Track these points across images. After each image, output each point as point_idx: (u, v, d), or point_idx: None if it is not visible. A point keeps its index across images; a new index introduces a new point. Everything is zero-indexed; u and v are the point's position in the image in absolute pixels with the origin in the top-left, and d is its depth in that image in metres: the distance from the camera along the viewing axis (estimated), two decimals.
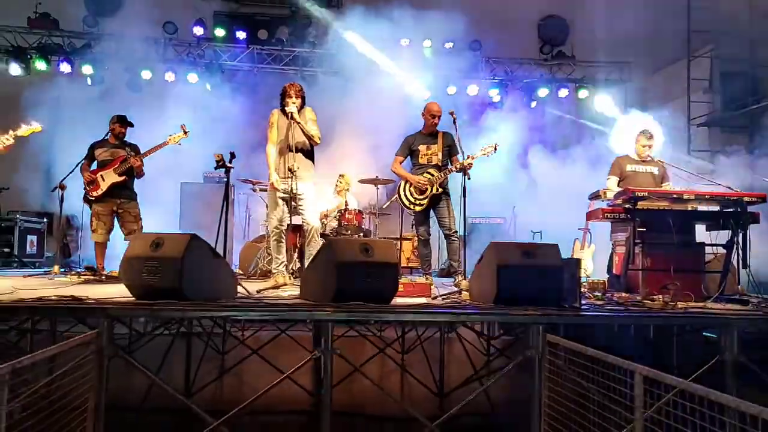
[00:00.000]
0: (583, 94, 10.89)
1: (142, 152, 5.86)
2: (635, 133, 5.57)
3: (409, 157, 5.51)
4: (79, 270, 5.78)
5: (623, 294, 4.41)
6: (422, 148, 5.41)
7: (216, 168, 4.65)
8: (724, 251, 4.56)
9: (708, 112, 10.77)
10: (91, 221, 5.75)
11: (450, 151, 5.40)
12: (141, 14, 9.69)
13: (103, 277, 5.30)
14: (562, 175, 8.32)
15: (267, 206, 5.15)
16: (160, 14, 10.01)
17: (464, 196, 4.38)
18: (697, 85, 10.78)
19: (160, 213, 7.45)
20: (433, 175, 5.34)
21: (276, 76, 10.21)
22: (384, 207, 7.27)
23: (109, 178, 5.72)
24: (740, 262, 4.36)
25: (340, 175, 7.50)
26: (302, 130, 4.97)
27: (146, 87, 10.12)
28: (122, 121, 5.96)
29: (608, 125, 9.63)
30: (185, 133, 5.81)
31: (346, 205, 7.01)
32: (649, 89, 11.30)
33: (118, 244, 5.97)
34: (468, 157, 5.11)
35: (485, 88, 10.70)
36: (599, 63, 11.21)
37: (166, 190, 8.13)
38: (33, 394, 2.48)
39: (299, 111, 5.02)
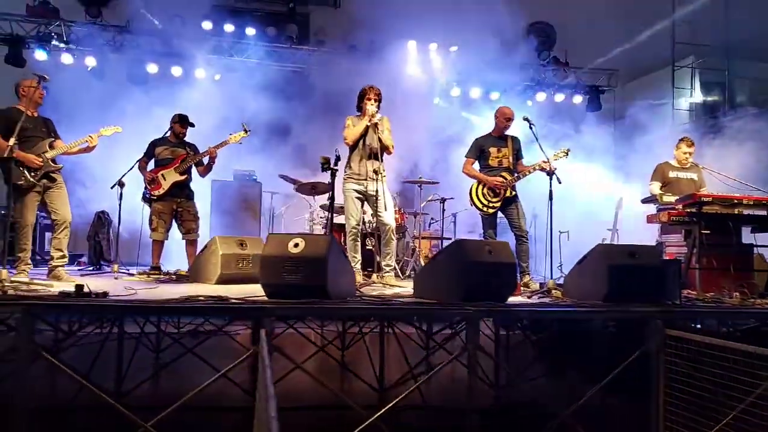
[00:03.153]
0: (577, 99, 11.42)
1: (200, 151, 5.84)
2: (676, 141, 6.02)
3: (477, 159, 5.69)
4: (144, 270, 5.68)
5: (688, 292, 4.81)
6: (493, 150, 5.60)
7: (322, 170, 4.71)
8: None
9: (690, 120, 11.56)
10: (151, 219, 5.67)
11: (518, 154, 5.65)
12: (147, 6, 9.45)
13: (174, 276, 5.26)
14: (579, 176, 8.68)
15: (345, 206, 5.23)
16: (167, 7, 9.76)
17: (551, 199, 4.64)
18: (679, 93, 11.58)
19: None
20: (506, 178, 5.52)
21: (284, 73, 10.21)
22: (421, 206, 7.47)
23: (171, 177, 5.66)
24: None
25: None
26: (380, 139, 5.10)
27: (152, 81, 9.86)
28: (183, 121, 5.91)
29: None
30: (246, 131, 5.81)
31: None
32: (634, 96, 11.97)
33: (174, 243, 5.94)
34: (542, 162, 5.28)
35: (486, 89, 11.04)
36: (589, 70, 11.76)
37: (195, 188, 8.01)
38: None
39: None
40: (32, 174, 4.60)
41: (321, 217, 7.23)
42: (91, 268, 6.90)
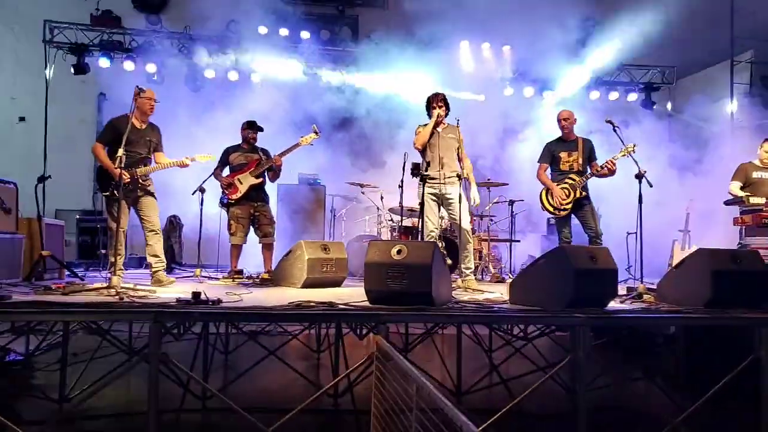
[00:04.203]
0: (632, 97, 11.21)
1: (272, 155, 5.93)
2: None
3: (551, 163, 5.73)
4: (224, 273, 5.81)
5: None
6: (563, 155, 5.69)
7: (412, 176, 4.74)
8: None
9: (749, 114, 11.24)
10: (230, 224, 5.79)
11: (590, 156, 5.65)
12: (204, 12, 9.63)
13: (257, 280, 5.36)
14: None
15: (423, 212, 5.26)
16: (223, 12, 9.93)
17: (640, 202, 4.59)
18: (737, 89, 11.26)
19: None
20: (574, 180, 5.61)
21: (339, 75, 10.29)
22: (486, 209, 7.45)
23: (247, 181, 5.77)
24: None
25: None
26: (458, 155, 5.18)
27: (209, 85, 10.05)
28: (252, 127, 6.01)
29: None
30: (316, 133, 5.88)
31: None
32: (690, 92, 11.70)
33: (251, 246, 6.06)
34: (608, 161, 5.36)
35: (539, 90, 10.94)
36: (644, 67, 11.54)
37: None
38: None
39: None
40: (123, 187, 4.70)
41: (389, 220, 7.28)
42: None
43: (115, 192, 4.61)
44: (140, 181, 4.91)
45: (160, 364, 3.11)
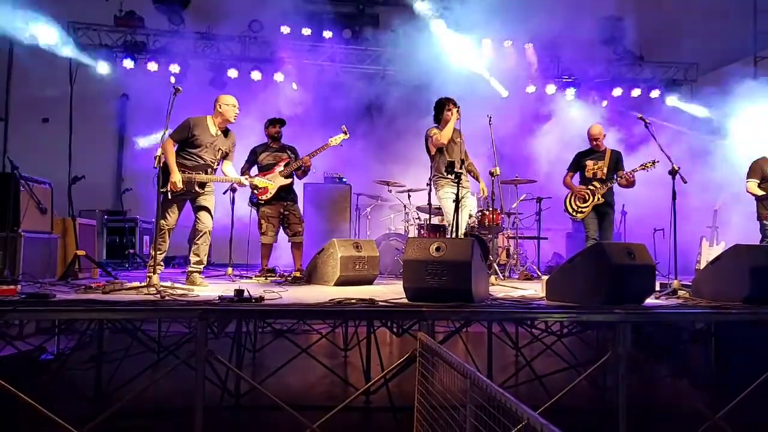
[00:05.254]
0: (654, 93, 11.12)
1: (300, 155, 5.97)
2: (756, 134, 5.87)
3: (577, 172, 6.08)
4: (255, 272, 5.86)
5: None
6: (589, 163, 6.04)
7: (447, 173, 4.76)
8: None
9: None
10: (260, 224, 5.83)
11: (617, 166, 5.82)
12: (227, 12, 9.70)
13: (290, 279, 5.41)
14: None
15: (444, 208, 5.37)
16: (245, 12, 9.99)
17: (674, 199, 4.56)
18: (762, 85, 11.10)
19: None
20: (596, 187, 5.94)
21: (360, 75, 10.33)
22: (513, 206, 7.45)
23: (277, 181, 5.81)
24: None
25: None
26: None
27: (231, 85, 10.12)
28: (273, 123, 6.06)
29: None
30: (345, 134, 5.90)
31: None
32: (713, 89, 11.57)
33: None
34: (627, 173, 5.64)
35: (561, 87, 10.90)
36: (666, 63, 11.45)
37: None
38: None
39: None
40: (173, 191, 4.73)
41: (416, 218, 7.30)
42: None
43: (169, 193, 4.64)
44: (197, 189, 4.87)
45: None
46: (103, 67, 9.71)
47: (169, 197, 4.69)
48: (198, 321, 3.08)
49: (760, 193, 5.63)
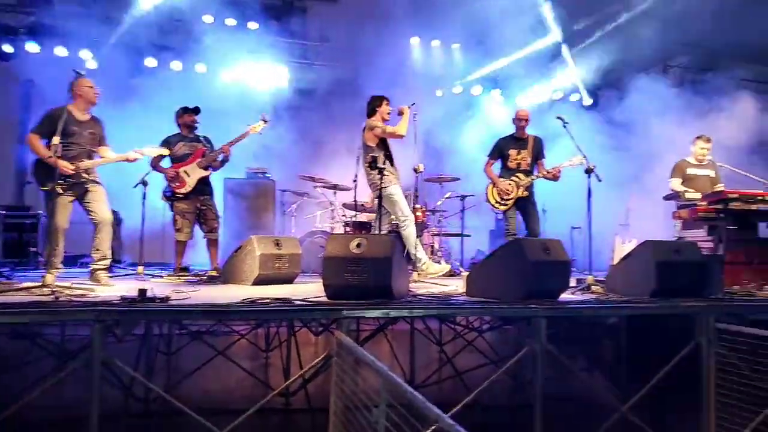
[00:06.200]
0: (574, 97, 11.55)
1: (214, 145, 5.69)
2: (693, 138, 6.17)
3: (500, 159, 5.85)
4: (168, 271, 5.54)
5: None
6: (512, 153, 5.88)
7: (372, 168, 4.65)
8: None
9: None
10: (175, 220, 5.52)
11: (538, 155, 5.82)
12: None
13: (205, 278, 5.16)
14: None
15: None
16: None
17: (589, 197, 4.70)
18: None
19: None
20: (520, 179, 5.83)
21: (289, 67, 10.09)
22: (438, 204, 7.48)
23: (195, 173, 5.52)
24: None
25: None
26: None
27: (148, 74, 9.60)
28: (188, 111, 5.73)
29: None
30: (265, 121, 5.69)
31: None
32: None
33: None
34: (555, 168, 5.59)
35: (487, 86, 11.12)
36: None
37: None
38: None
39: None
40: (61, 182, 4.40)
41: (343, 216, 7.18)
42: None
43: (55, 187, 4.25)
44: (84, 175, 4.56)
45: (103, 367, 2.91)
46: (6, 50, 8.94)
47: (59, 191, 4.35)
48: (93, 323, 2.83)
49: (682, 189, 5.89)
